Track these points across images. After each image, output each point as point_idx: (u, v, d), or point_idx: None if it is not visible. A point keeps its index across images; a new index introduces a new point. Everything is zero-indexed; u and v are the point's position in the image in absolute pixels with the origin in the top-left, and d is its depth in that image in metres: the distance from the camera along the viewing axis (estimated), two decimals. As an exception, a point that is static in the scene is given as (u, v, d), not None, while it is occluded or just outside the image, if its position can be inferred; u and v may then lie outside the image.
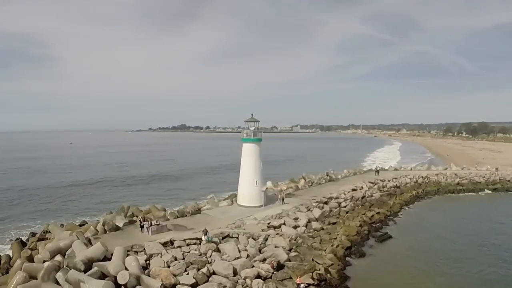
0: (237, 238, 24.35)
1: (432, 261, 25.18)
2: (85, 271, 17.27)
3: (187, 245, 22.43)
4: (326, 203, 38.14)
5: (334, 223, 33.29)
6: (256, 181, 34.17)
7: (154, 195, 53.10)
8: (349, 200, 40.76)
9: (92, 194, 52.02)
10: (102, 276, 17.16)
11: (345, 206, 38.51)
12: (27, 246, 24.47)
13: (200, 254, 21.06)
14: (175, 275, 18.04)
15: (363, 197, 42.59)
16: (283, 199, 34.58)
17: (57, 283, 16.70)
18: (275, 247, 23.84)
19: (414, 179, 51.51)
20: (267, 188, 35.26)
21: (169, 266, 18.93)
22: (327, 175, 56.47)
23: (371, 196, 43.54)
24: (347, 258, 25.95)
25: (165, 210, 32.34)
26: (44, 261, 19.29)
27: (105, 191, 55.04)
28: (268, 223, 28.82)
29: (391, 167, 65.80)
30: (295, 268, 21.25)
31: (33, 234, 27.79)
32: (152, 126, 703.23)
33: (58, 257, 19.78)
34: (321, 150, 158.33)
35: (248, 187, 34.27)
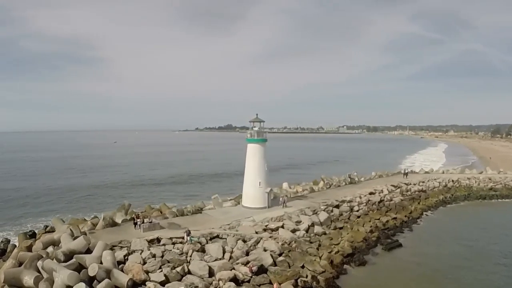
0: (226, 239, 23.92)
1: (440, 273, 22.53)
2: (65, 262, 18.10)
3: (173, 243, 22.58)
4: (337, 206, 36.26)
5: (340, 228, 31.51)
6: (260, 182, 33.45)
7: (176, 194, 54.24)
8: (364, 204, 38.37)
9: (118, 193, 54.73)
10: (79, 267, 17.98)
11: (357, 210, 36.34)
12: (35, 238, 26.20)
13: (181, 253, 21.01)
14: (148, 272, 18.17)
15: (380, 201, 39.86)
16: (284, 202, 33.41)
17: (38, 271, 17.61)
18: (264, 250, 23.05)
19: (444, 183, 47.04)
20: (271, 190, 34.35)
21: (145, 263, 19.09)
22: (349, 177, 54.10)
23: (391, 200, 40.62)
24: (345, 266, 24.27)
25: (171, 209, 32.92)
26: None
27: (131, 190, 57.65)
28: (266, 226, 28.01)
29: (422, 170, 60.91)
30: (276, 273, 20.28)
31: (46, 227, 29.68)
32: (198, 126, 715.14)
33: (50, 248, 20.86)
34: (362, 151, 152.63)
35: (252, 188, 33.68)
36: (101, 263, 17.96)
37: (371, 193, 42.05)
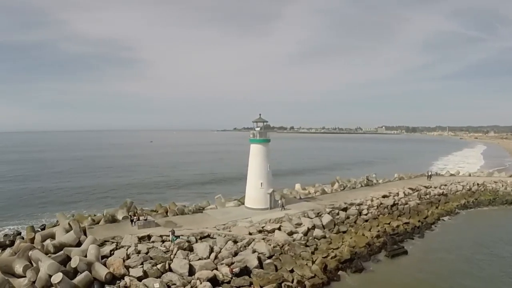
0: (215, 239, 23.78)
1: (441, 282, 20.71)
2: (55, 253, 19.07)
3: (162, 241, 22.89)
4: (344, 209, 34.79)
5: (344, 232, 30.21)
6: (261, 183, 32.96)
7: (194, 193, 53.56)
8: (375, 207, 36.48)
9: (137, 191, 56.14)
10: (67, 259, 19.00)
11: (366, 214, 34.61)
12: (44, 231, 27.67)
13: (167, 251, 21.20)
14: (129, 267, 18.57)
15: (393, 204, 37.66)
16: (282, 205, 32.55)
17: (29, 260, 18.70)
18: (253, 252, 22.60)
19: (468, 187, 43.41)
20: (273, 191, 33.69)
21: (129, 258, 19.52)
22: (367, 179, 52.16)
23: (405, 204, 38.23)
24: (340, 272, 23.10)
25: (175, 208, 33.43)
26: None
27: (152, 188, 58.71)
28: (262, 227, 27.52)
29: (447, 172, 56.90)
30: (258, 276, 19.76)
31: (57, 221, 31.33)
32: (237, 126, 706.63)
33: (48, 241, 21.95)
34: (396, 152, 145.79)
35: (254, 189, 33.29)
36: (85, 256, 18.63)
37: (384, 196, 39.91)
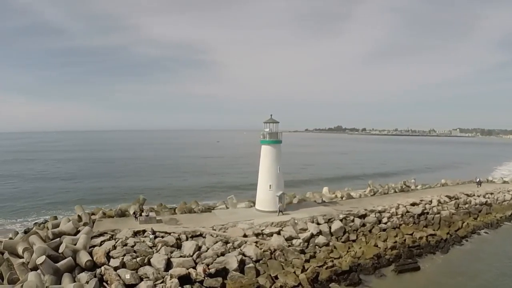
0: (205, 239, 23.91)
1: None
2: (53, 240, 21.30)
3: (154, 237, 23.65)
4: (362, 216, 32.21)
5: (353, 241, 28.04)
6: (270, 185, 32.21)
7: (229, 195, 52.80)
8: (399, 215, 33.14)
9: (175, 190, 57.97)
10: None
11: (385, 223, 31.65)
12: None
13: (154, 245, 21.98)
14: (111, 257, 19.80)
15: (422, 213, 33.82)
16: (280, 210, 31.21)
17: (29, 244, 20.91)
18: (238, 254, 22.17)
19: (519, 197, 37.12)
20: (283, 193, 32.65)
21: (115, 248, 20.69)
22: (405, 184, 48.05)
23: (437, 213, 34.05)
24: (332, 284, 21.47)
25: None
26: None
27: (194, 190, 58.18)
28: (262, 230, 26.87)
29: (500, 179, 49.27)
30: (232, 279, 19.28)
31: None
32: (308, 127, 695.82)
33: (56, 229, 24.27)
34: (461, 156, 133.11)
35: (263, 191, 32.69)
36: (74, 244, 20.30)
37: (413, 204, 35.96)
